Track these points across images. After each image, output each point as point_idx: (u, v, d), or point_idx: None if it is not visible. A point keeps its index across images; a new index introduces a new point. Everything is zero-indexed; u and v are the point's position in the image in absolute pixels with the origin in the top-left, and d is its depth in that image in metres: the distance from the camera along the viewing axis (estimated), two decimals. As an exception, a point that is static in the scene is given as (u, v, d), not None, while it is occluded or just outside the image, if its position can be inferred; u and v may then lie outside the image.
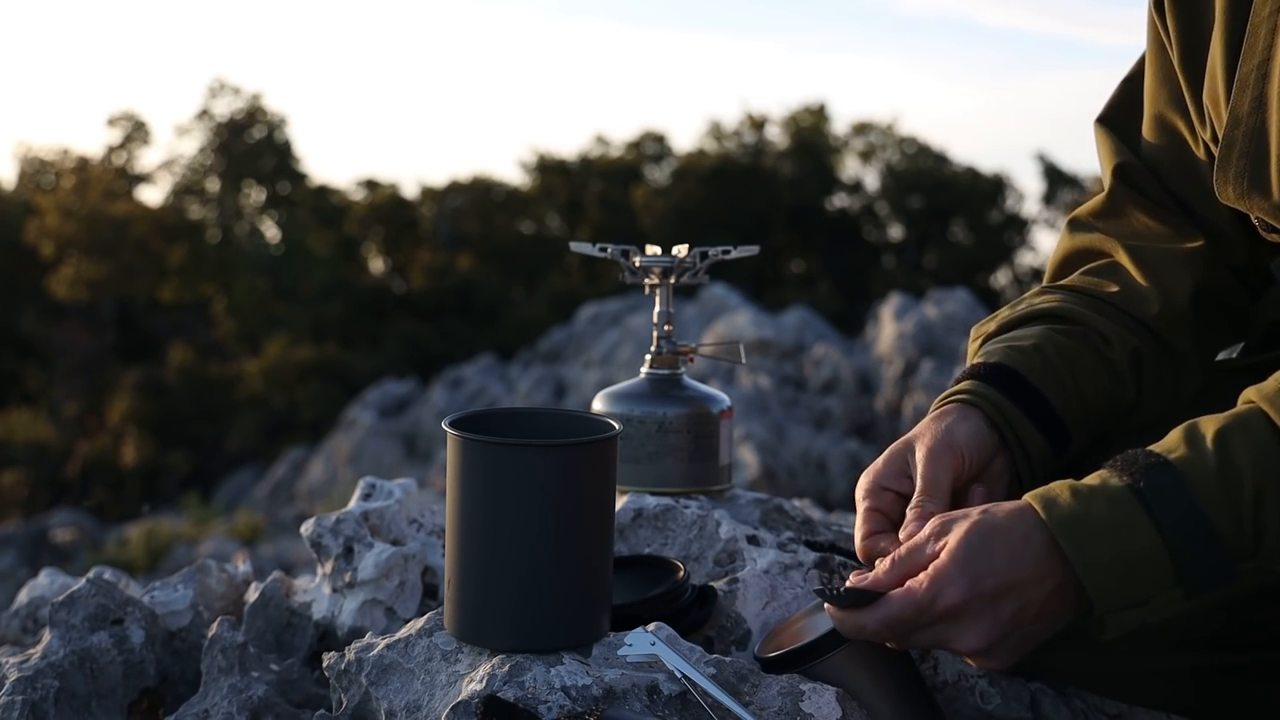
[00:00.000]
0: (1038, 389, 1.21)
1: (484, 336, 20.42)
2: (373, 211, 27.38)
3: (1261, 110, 1.10)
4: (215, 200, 27.21)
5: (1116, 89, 1.35)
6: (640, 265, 1.54)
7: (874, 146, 29.27)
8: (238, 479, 14.70)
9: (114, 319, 23.26)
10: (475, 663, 1.16)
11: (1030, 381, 1.21)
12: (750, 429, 6.54)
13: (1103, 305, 1.28)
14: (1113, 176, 1.31)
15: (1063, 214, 27.64)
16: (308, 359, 20.75)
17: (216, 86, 27.04)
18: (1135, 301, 1.27)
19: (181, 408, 20.35)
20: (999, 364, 1.22)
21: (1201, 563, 0.94)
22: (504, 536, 1.13)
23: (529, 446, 1.13)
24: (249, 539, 8.90)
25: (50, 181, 26.82)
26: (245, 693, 1.34)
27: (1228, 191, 1.15)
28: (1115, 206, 1.32)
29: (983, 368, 1.23)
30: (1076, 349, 1.24)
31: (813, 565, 1.38)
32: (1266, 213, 1.13)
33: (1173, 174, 1.28)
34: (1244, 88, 1.12)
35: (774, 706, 1.12)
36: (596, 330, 11.00)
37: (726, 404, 1.53)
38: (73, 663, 1.42)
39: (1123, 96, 1.34)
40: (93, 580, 1.50)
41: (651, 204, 26.64)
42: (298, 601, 1.58)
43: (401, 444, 11.04)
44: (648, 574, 1.33)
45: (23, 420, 19.02)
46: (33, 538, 10.30)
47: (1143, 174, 1.30)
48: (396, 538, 1.58)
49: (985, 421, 1.19)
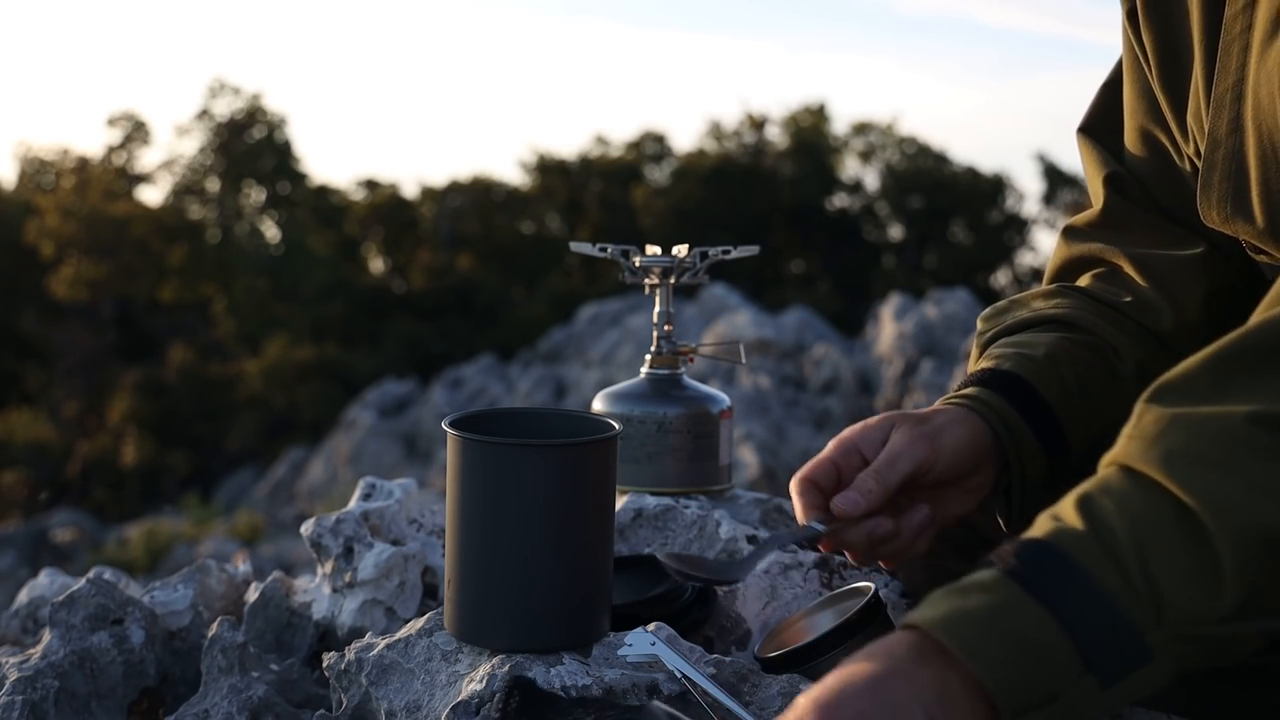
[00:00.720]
0: (1049, 406, 1.16)
1: (484, 336, 20.42)
2: (373, 211, 27.38)
3: (1239, 132, 1.08)
4: (215, 200, 27.21)
5: (1097, 95, 1.32)
6: (640, 265, 1.54)
7: (874, 146, 29.28)
8: (238, 479, 14.71)
9: (114, 319, 23.26)
10: (475, 663, 1.16)
11: (1041, 397, 1.16)
12: (750, 429, 6.54)
13: (1114, 314, 1.24)
14: (1105, 187, 1.28)
15: (1063, 214, 27.65)
16: (308, 359, 20.76)
17: (216, 86, 27.05)
18: (1147, 312, 1.24)
19: (181, 408, 20.35)
20: (1011, 372, 1.18)
21: (1103, 636, 0.81)
22: (504, 536, 1.13)
23: (529, 446, 1.12)
24: (249, 539, 8.90)
25: (50, 181, 26.82)
26: (245, 693, 1.34)
27: (1212, 215, 1.13)
28: (1111, 217, 1.28)
29: (993, 374, 1.18)
30: (1089, 361, 1.20)
31: (813, 565, 1.38)
32: (1252, 236, 1.11)
33: (1160, 186, 1.26)
34: (1220, 109, 1.09)
35: (774, 706, 1.12)
36: (596, 330, 11.00)
37: (726, 404, 1.53)
38: (73, 663, 1.42)
39: (1103, 103, 1.31)
40: (93, 580, 1.50)
41: (651, 204, 26.64)
42: (298, 601, 1.58)
43: (401, 444, 11.05)
44: (648, 574, 1.33)
45: (23, 420, 19.03)
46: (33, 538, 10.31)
47: (1133, 184, 1.27)
48: (396, 538, 1.58)
49: (988, 433, 1.14)
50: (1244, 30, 1.07)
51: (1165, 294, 1.23)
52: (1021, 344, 1.21)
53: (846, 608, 1.19)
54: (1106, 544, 0.83)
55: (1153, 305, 1.23)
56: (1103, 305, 1.25)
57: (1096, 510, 0.84)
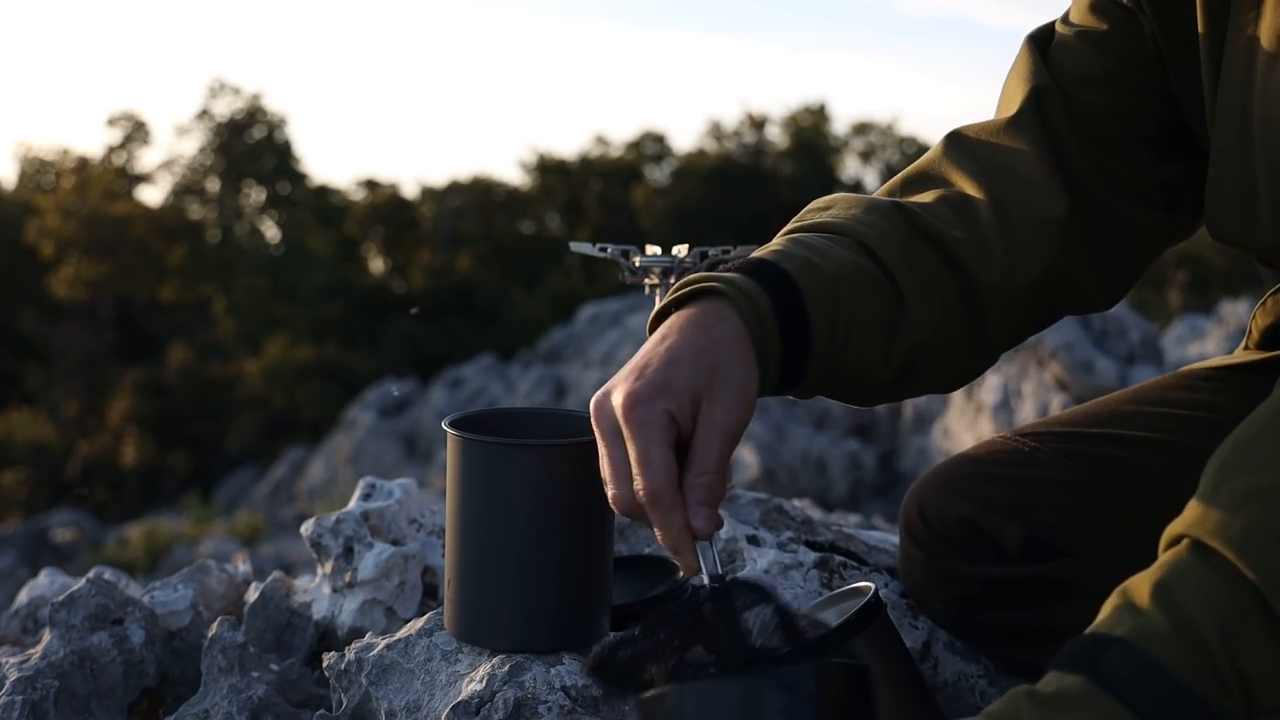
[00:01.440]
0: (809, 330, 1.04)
1: (484, 336, 20.41)
2: (373, 211, 27.38)
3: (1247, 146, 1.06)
4: (215, 200, 27.21)
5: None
6: (640, 265, 1.54)
7: (874, 146, 29.30)
8: (238, 479, 14.70)
9: (114, 319, 23.25)
10: (475, 663, 1.16)
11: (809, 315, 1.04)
12: (750, 429, 6.54)
13: (929, 252, 1.12)
14: (1028, 97, 1.16)
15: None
16: (308, 359, 20.75)
17: (216, 86, 27.06)
18: (978, 256, 1.12)
19: (181, 408, 20.35)
20: (789, 275, 1.04)
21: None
22: (504, 536, 1.13)
23: (529, 446, 1.12)
24: (249, 539, 8.90)
25: (50, 181, 26.82)
26: (245, 693, 1.34)
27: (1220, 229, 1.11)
28: (1012, 133, 1.16)
29: (773, 270, 1.04)
30: (869, 301, 1.08)
31: (813, 565, 1.38)
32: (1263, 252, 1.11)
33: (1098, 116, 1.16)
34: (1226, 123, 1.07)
35: (774, 706, 1.12)
36: (596, 330, 11.00)
37: (726, 404, 1.52)
38: (73, 663, 1.42)
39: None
40: (93, 580, 1.50)
41: (651, 204, 26.64)
42: (298, 601, 1.58)
43: (401, 444, 11.05)
44: (648, 574, 1.33)
45: (23, 420, 19.02)
46: (33, 538, 10.31)
47: (1058, 108, 1.16)
48: (396, 538, 1.58)
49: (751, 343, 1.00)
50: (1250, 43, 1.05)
51: (1008, 248, 1.13)
52: (816, 249, 1.09)
53: (847, 608, 1.19)
54: (1193, 643, 0.78)
55: (989, 253, 1.13)
56: (924, 239, 1.13)
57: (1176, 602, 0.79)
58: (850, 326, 1.07)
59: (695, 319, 1.00)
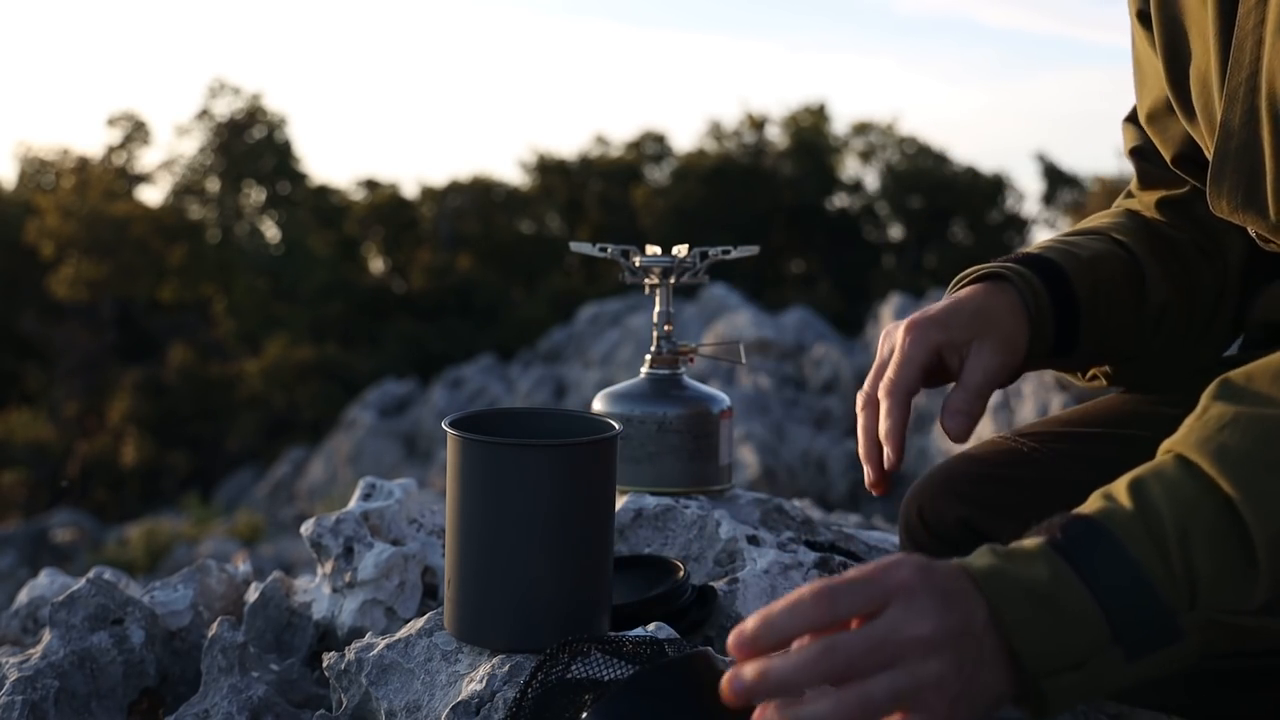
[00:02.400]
0: (1078, 302, 1.22)
1: (484, 336, 20.43)
2: (373, 211, 27.39)
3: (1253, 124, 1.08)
4: (215, 200, 27.22)
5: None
6: (640, 265, 1.54)
7: (874, 146, 29.29)
8: (238, 479, 14.71)
9: (114, 319, 23.25)
10: (475, 663, 1.16)
11: (1074, 290, 1.22)
12: (750, 429, 6.54)
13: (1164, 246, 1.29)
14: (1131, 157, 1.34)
15: (1063, 214, 27.68)
16: (308, 359, 20.76)
17: (216, 86, 27.06)
18: (1208, 245, 1.28)
19: (181, 408, 20.35)
20: (1052, 260, 1.23)
21: (1137, 614, 0.84)
22: (504, 536, 1.13)
23: (529, 446, 1.12)
24: (249, 539, 8.90)
25: (50, 181, 26.82)
26: (245, 693, 1.34)
27: (1222, 205, 1.14)
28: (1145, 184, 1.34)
29: (1035, 259, 1.23)
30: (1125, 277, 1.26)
31: (813, 565, 1.38)
32: (1263, 229, 1.12)
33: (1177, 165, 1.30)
34: (1234, 101, 1.10)
35: (774, 706, 1.12)
36: (596, 330, 11.00)
37: (726, 404, 1.53)
38: (73, 663, 1.42)
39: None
40: (93, 580, 1.50)
41: (651, 204, 26.65)
42: (298, 601, 1.58)
43: (401, 444, 11.05)
44: (648, 574, 1.33)
45: (23, 420, 19.02)
46: (33, 538, 10.31)
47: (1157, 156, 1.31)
48: (396, 538, 1.58)
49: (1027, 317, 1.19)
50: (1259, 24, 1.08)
51: (1219, 237, 1.28)
52: (1073, 244, 1.27)
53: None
54: (1151, 526, 0.86)
55: (1218, 240, 1.28)
56: (1156, 237, 1.29)
57: (1147, 493, 0.87)
58: (1109, 297, 1.24)
59: (979, 290, 1.21)
